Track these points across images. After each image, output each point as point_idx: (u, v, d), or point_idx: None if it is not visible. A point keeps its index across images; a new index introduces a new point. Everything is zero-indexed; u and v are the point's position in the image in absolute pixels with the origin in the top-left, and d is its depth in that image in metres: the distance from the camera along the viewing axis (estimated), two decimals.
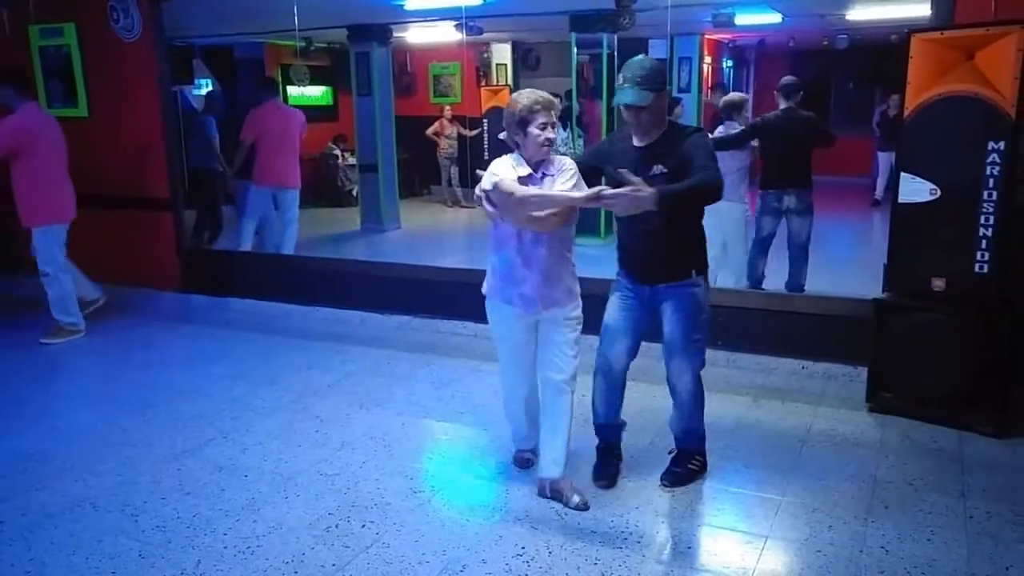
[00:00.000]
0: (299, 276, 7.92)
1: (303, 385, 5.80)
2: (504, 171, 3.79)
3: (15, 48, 8.25)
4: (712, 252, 4.48)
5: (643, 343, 4.23)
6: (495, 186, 3.73)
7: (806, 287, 6.94)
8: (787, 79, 7.02)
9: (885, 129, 11.76)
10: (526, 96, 3.82)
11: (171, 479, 4.41)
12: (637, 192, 3.51)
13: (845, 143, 13.28)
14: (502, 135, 3.98)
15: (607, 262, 4.37)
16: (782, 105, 7.00)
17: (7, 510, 4.11)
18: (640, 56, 3.91)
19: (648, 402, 5.19)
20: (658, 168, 3.85)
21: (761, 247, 7.17)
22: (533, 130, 3.77)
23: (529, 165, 3.85)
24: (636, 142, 4.00)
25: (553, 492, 4.09)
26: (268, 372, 6.10)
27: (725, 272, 7.16)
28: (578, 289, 4.04)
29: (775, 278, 7.10)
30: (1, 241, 8.30)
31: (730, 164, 6.59)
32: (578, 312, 4.03)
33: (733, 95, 7.61)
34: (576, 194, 3.75)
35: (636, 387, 4.73)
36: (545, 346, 4.04)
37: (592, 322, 4.15)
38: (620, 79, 3.87)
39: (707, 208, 3.99)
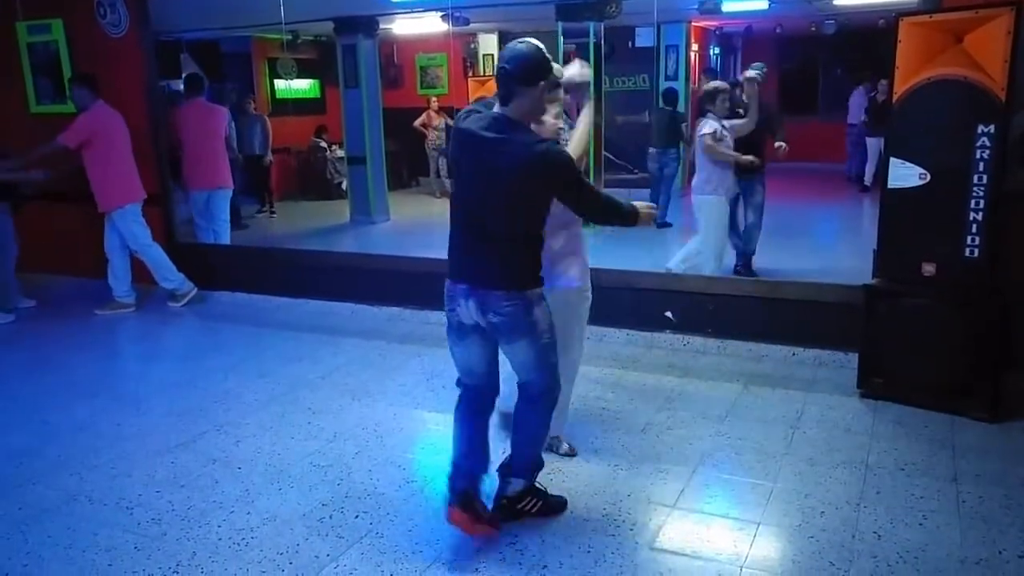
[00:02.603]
0: (289, 269, 7.91)
1: (295, 377, 5.79)
2: None
3: (2, 45, 8.23)
4: None
5: (631, 331, 4.24)
6: None
7: (797, 273, 6.95)
8: None
9: (874, 114, 11.77)
10: None
11: (165, 472, 4.40)
12: None
13: (833, 129, 13.39)
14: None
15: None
16: None
17: (3, 504, 4.11)
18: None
19: (639, 391, 5.21)
20: None
21: None
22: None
23: None
24: None
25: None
26: (259, 365, 6.09)
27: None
28: None
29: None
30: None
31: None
32: None
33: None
34: None
35: (627, 375, 4.77)
36: None
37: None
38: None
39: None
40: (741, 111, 7.05)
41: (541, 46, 3.42)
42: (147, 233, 7.61)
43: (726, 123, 6.87)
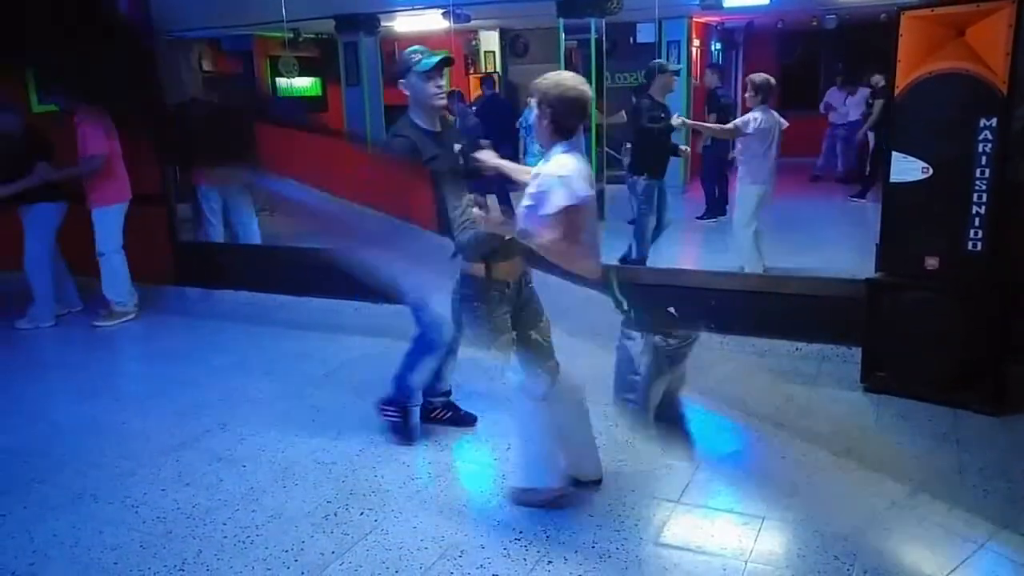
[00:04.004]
0: (292, 267, 7.90)
1: (299, 375, 5.80)
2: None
3: None
4: None
5: None
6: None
7: (800, 268, 6.94)
8: None
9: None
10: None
11: (170, 470, 4.41)
12: None
13: None
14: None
15: None
16: None
17: (8, 503, 4.12)
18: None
19: None
20: (457, 147, 4.17)
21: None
22: None
23: None
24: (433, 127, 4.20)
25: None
26: (263, 363, 6.10)
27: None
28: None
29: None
30: None
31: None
32: None
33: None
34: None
35: None
36: None
37: None
38: (417, 55, 4.06)
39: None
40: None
41: (410, 51, 4.08)
42: (120, 239, 7.43)
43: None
